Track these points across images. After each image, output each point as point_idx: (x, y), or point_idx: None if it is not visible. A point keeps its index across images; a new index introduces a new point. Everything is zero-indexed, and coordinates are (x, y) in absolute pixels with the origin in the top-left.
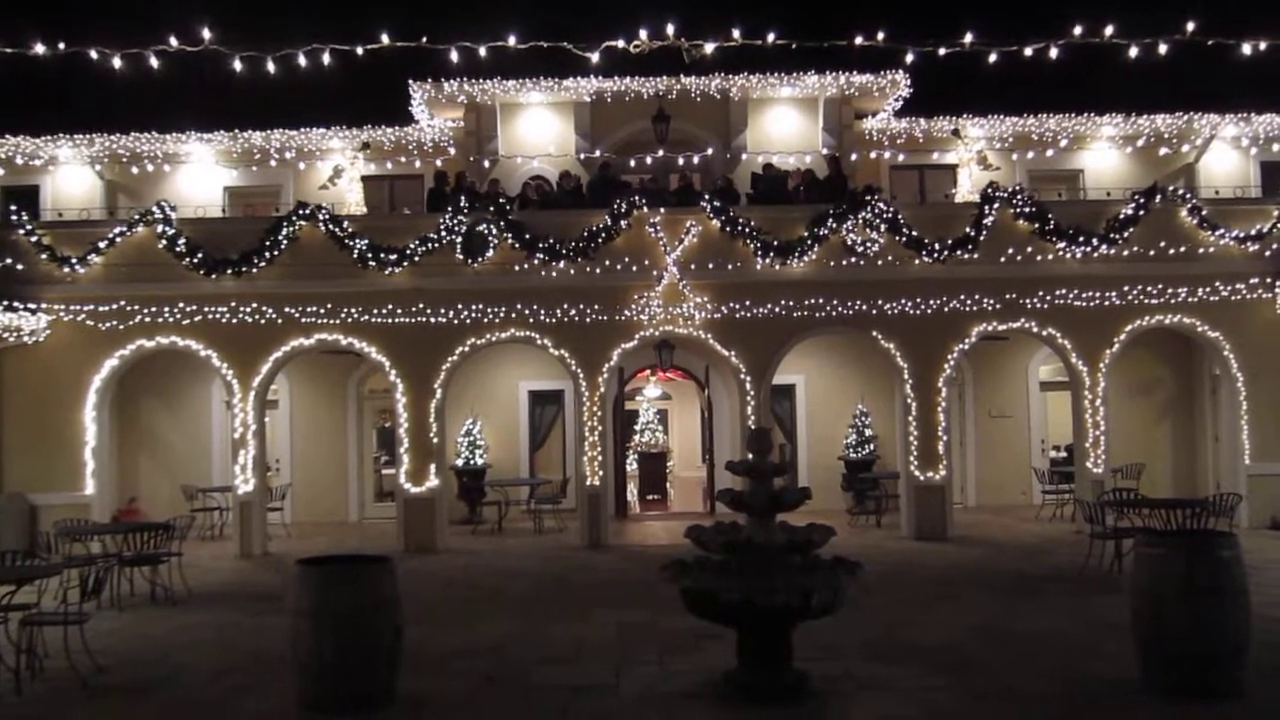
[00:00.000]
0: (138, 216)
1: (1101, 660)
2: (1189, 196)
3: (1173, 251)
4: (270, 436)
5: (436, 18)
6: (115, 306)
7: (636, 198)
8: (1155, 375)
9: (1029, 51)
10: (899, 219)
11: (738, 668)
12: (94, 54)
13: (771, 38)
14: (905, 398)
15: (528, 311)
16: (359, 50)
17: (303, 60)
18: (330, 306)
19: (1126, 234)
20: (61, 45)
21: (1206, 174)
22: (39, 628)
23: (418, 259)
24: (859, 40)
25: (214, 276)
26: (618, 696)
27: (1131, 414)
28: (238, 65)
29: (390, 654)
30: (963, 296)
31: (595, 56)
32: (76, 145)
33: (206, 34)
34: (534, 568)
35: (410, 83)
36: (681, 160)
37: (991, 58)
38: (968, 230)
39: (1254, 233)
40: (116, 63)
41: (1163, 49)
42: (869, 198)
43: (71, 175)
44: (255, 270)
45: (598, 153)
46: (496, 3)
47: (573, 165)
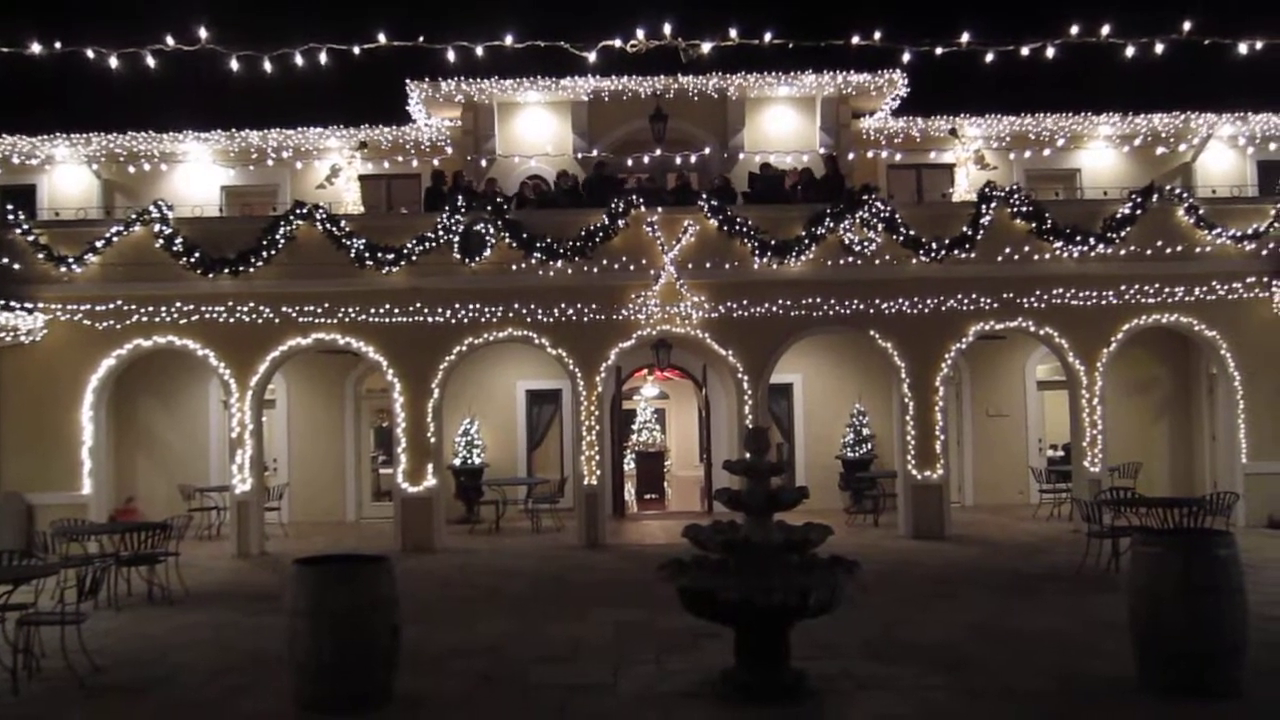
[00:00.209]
0: (135, 216)
1: (1099, 659)
2: (1186, 196)
3: (1170, 251)
4: (267, 436)
5: (434, 17)
6: (112, 306)
7: (634, 197)
8: (1152, 374)
9: (1026, 51)
10: (896, 218)
11: (735, 667)
12: (91, 53)
13: (768, 37)
14: (903, 397)
15: (525, 311)
16: (356, 50)
17: (300, 60)
18: (327, 306)
19: (1124, 233)
20: (58, 44)
21: (1203, 173)
22: (36, 627)
23: (415, 258)
24: (856, 40)
25: (211, 276)
26: (615, 695)
27: (1128, 413)
28: (234, 65)
29: (387, 653)
30: (960, 296)
31: (592, 56)
32: (73, 144)
33: (203, 33)
34: (531, 567)
35: (408, 82)
36: (679, 159)
37: (988, 57)
38: (965, 229)
39: (1251, 232)
40: (113, 62)
41: (1159, 48)
42: (866, 197)
43: (68, 174)
44: (252, 270)
45: (595, 152)
46: (494, 2)
47: (570, 165)
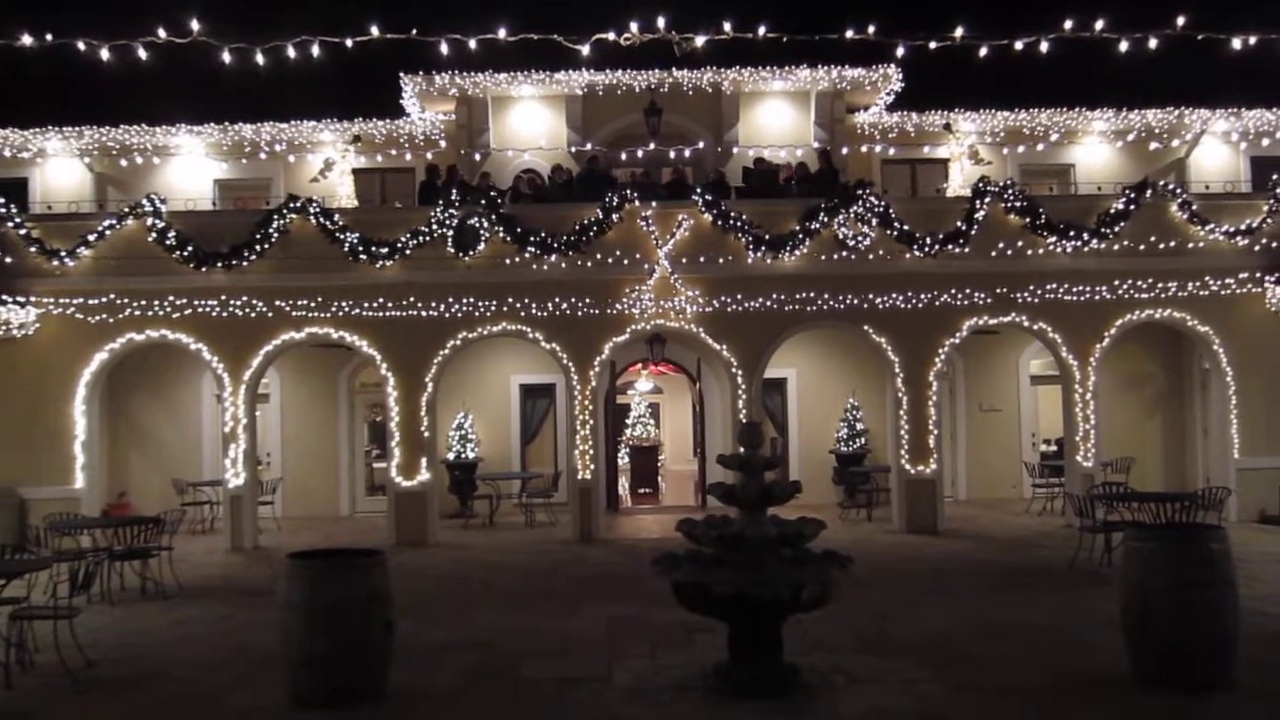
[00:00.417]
0: (127, 209)
1: (1091, 653)
2: (1179, 191)
3: (1163, 246)
4: (261, 430)
5: (427, 10)
6: (105, 300)
7: (628, 191)
8: (1145, 369)
9: (1020, 46)
10: (890, 213)
11: (729, 661)
12: (82, 45)
13: (762, 31)
14: (896, 392)
15: (519, 305)
16: (349, 43)
17: (292, 52)
18: (321, 300)
19: (1117, 228)
20: (49, 37)
21: (1197, 169)
22: (29, 622)
23: (409, 252)
24: (850, 34)
25: (204, 270)
26: (609, 689)
27: (1122, 408)
28: (227, 57)
29: (381, 648)
30: (954, 291)
31: (586, 49)
32: (66, 138)
33: (196, 26)
34: (525, 561)
35: (401, 76)
36: (673, 154)
37: (983, 52)
38: (959, 224)
39: (1244, 227)
40: (105, 54)
41: (1153, 44)
42: (861, 192)
43: (61, 168)
44: (246, 263)
45: (589, 146)
46: None
47: (564, 159)
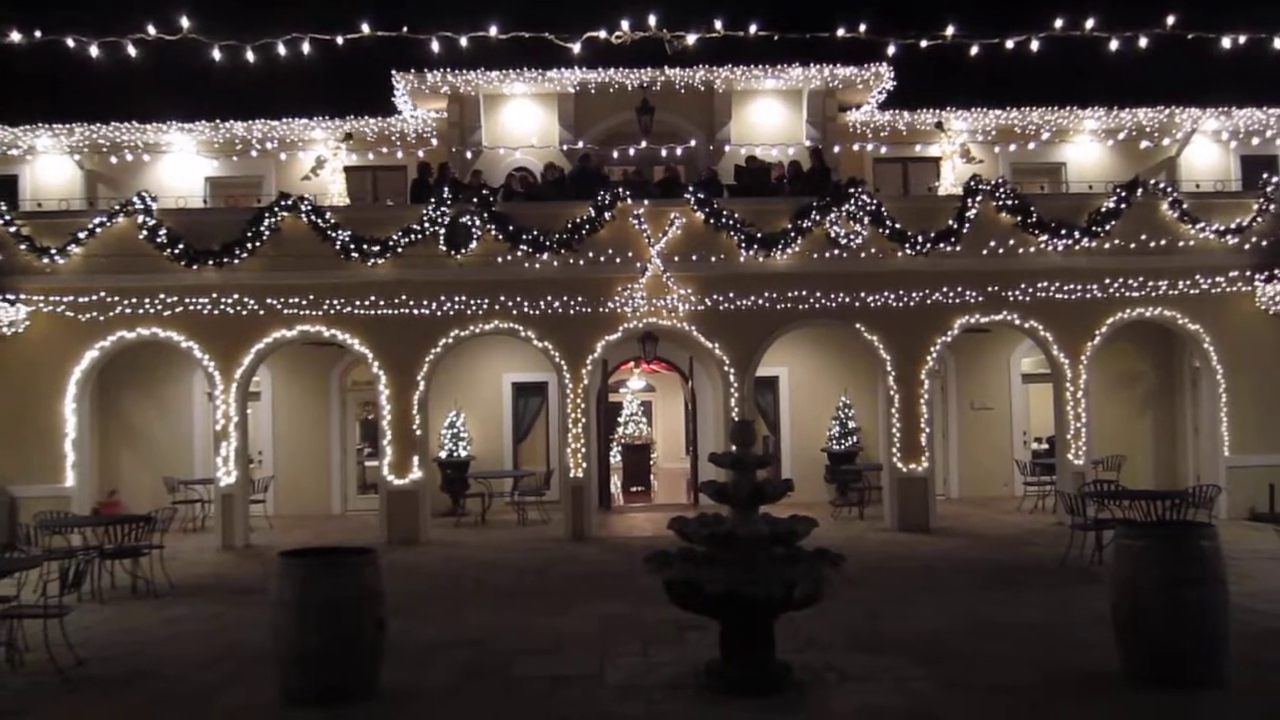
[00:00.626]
0: (118, 207)
1: (1082, 651)
2: (1170, 190)
3: (1154, 245)
4: (252, 428)
5: (418, 7)
6: (95, 297)
7: (620, 189)
8: (1136, 368)
9: (1011, 45)
10: (882, 211)
11: (720, 658)
12: (71, 42)
13: (754, 29)
14: (888, 390)
15: (511, 303)
16: (339, 40)
17: (283, 50)
18: (313, 298)
19: (1108, 227)
20: (39, 33)
21: (1187, 168)
22: (19, 620)
23: (401, 250)
24: (841, 32)
25: (195, 267)
26: (601, 687)
27: (1112, 406)
28: (217, 54)
29: (373, 646)
30: (945, 289)
31: (577, 47)
32: (56, 135)
33: (185, 23)
34: (517, 560)
35: (393, 73)
36: (665, 152)
37: (974, 50)
38: (951, 223)
39: (1234, 226)
40: (94, 51)
41: (1144, 43)
42: (852, 190)
43: (51, 165)
44: (237, 261)
45: (581, 144)
46: None
47: (556, 157)
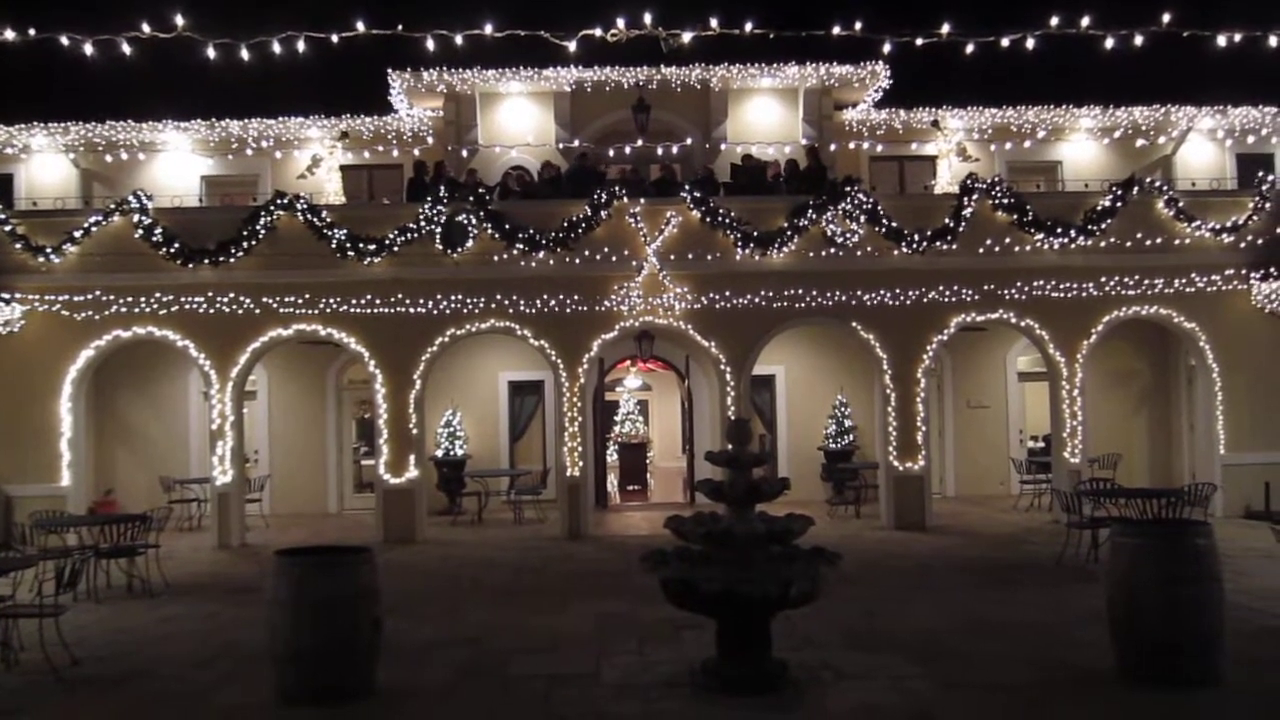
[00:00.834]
0: (114, 206)
1: (1078, 648)
2: (1166, 188)
3: (1150, 243)
4: (248, 427)
5: (414, 6)
6: (91, 296)
7: (616, 188)
8: (1132, 366)
9: (1007, 43)
10: (878, 210)
11: (717, 657)
12: (65, 41)
13: (749, 27)
14: (884, 388)
15: (507, 302)
16: (334, 38)
17: (278, 48)
18: (309, 297)
19: (1104, 225)
20: (33, 32)
21: (1183, 166)
22: (14, 620)
23: (397, 249)
24: (837, 31)
25: (191, 266)
26: (597, 686)
27: (1108, 404)
28: (211, 53)
29: (369, 645)
30: (941, 287)
31: (573, 45)
32: (51, 133)
33: (180, 21)
34: (513, 558)
35: (389, 72)
36: (661, 150)
37: (969, 49)
38: (947, 221)
39: (1230, 224)
40: (89, 50)
41: (1139, 41)
42: (849, 189)
43: (46, 164)
44: (233, 260)
45: (577, 143)
46: None
47: (552, 155)
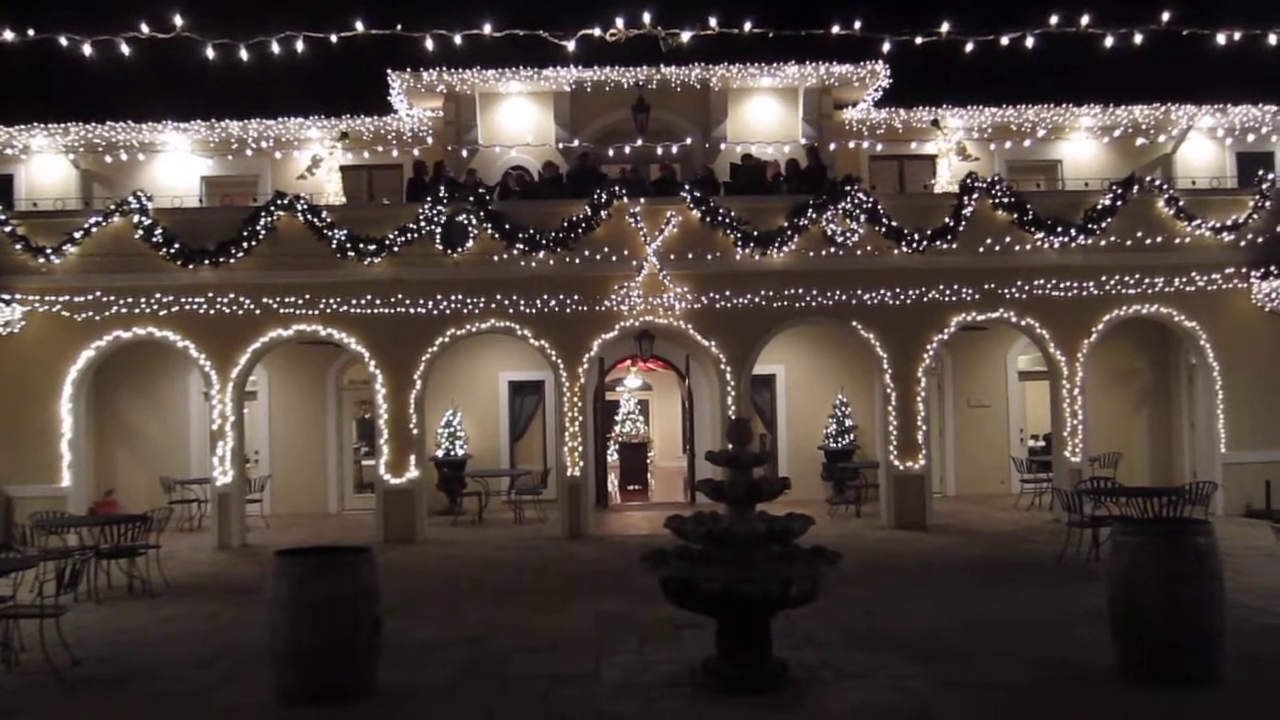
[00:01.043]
0: (114, 206)
1: (1079, 647)
2: (1166, 187)
3: (1150, 242)
4: (249, 428)
5: (413, 6)
6: (91, 297)
7: (616, 188)
8: (1132, 365)
9: (1006, 42)
10: (878, 209)
11: (717, 656)
12: (64, 41)
13: (748, 27)
14: (885, 387)
15: (507, 302)
16: (333, 38)
17: (276, 48)
18: (309, 297)
19: (1104, 224)
20: (32, 32)
21: (1183, 164)
22: (15, 621)
23: (397, 249)
24: (836, 30)
25: (191, 267)
26: (597, 685)
27: (1109, 403)
28: (210, 53)
29: (369, 645)
30: (942, 286)
31: (572, 45)
32: (51, 134)
33: (179, 21)
34: (514, 558)
35: (389, 72)
36: (661, 150)
37: (969, 48)
38: (947, 220)
39: (1230, 223)
40: (87, 50)
41: (1139, 39)
42: (848, 188)
43: (46, 164)
44: (233, 260)
45: (577, 142)
46: None
47: (552, 155)
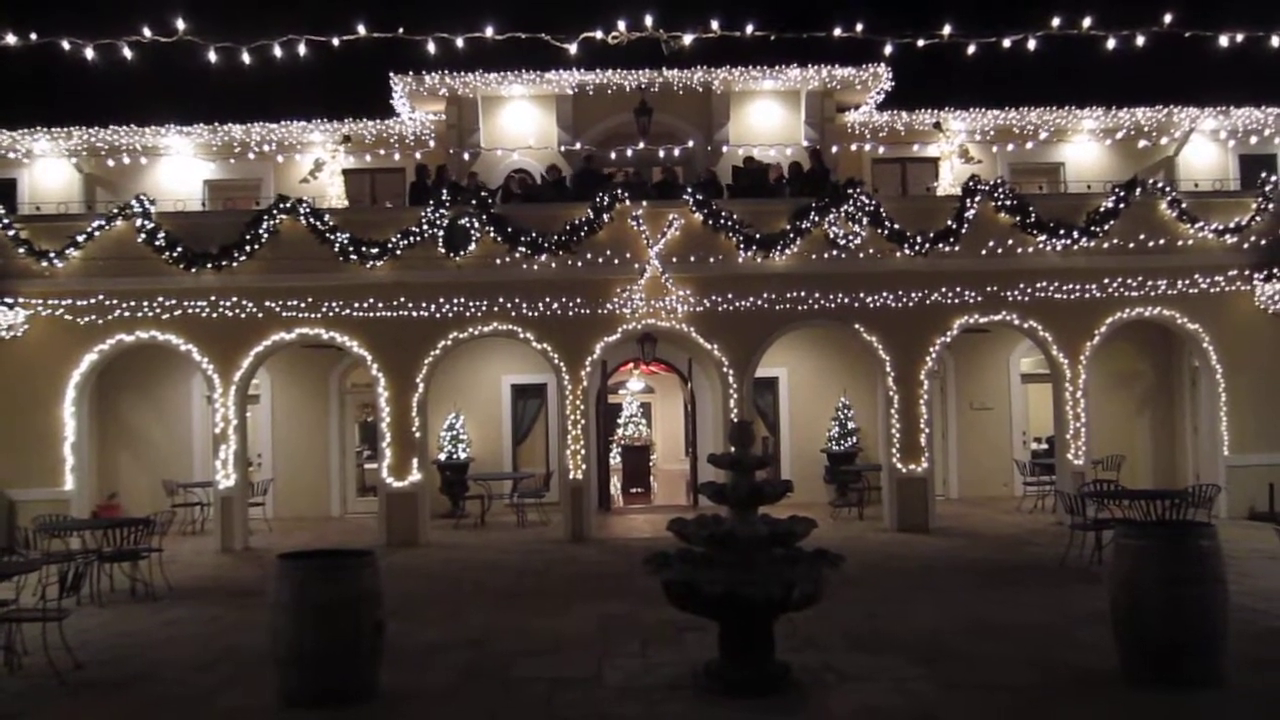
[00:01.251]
0: (116, 210)
1: (1081, 650)
2: (1168, 189)
3: (1152, 244)
4: (251, 431)
5: (415, 9)
6: (94, 301)
7: (619, 191)
8: (1135, 367)
9: (1008, 44)
10: (881, 212)
11: (720, 659)
12: (66, 45)
13: (750, 30)
14: (887, 390)
15: (510, 305)
16: (335, 41)
17: (278, 51)
18: (311, 300)
19: (1107, 227)
20: (34, 36)
21: (1186, 167)
22: (17, 624)
23: (399, 252)
24: (837, 32)
25: (194, 270)
26: (600, 688)
27: (1112, 406)
28: (213, 57)
29: (371, 648)
30: (944, 289)
31: (574, 48)
32: (54, 138)
33: (181, 25)
34: (516, 561)
35: (391, 76)
36: (663, 153)
37: (971, 50)
38: (949, 223)
39: (1232, 225)
40: (90, 54)
41: (1141, 41)
42: (851, 191)
43: (49, 168)
44: (235, 264)
45: (579, 145)
46: None
47: (554, 158)
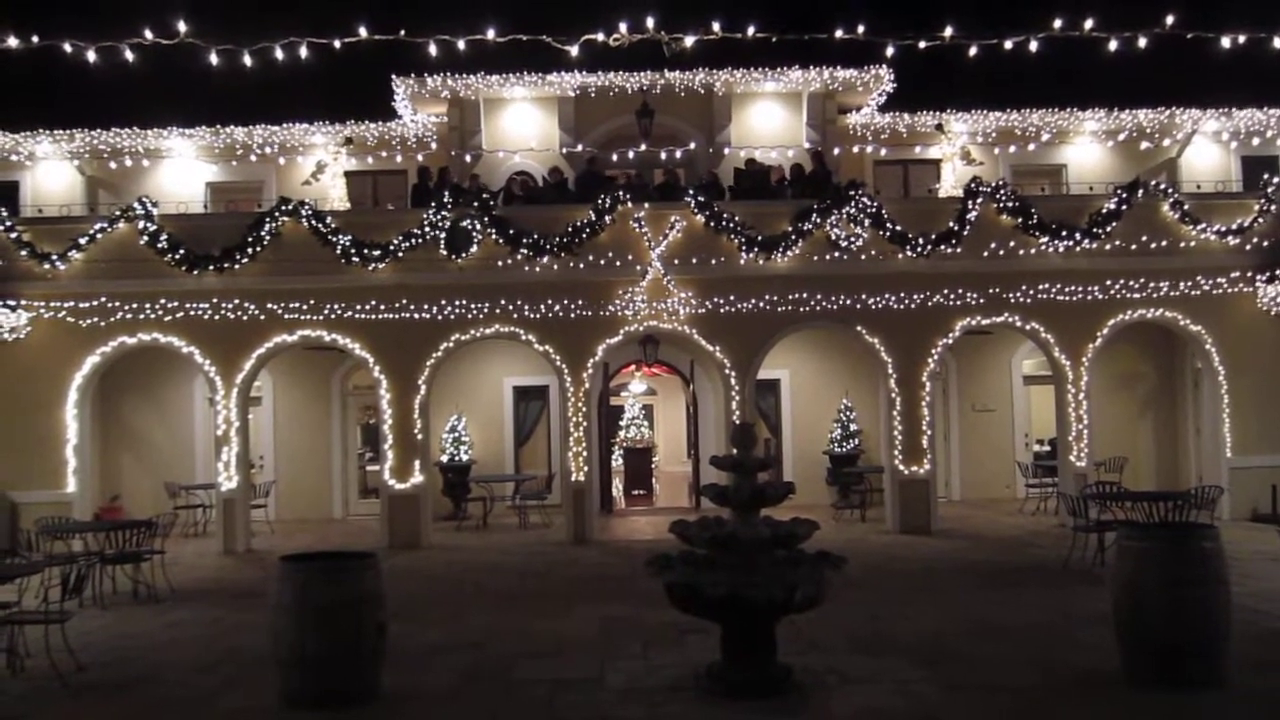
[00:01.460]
0: (119, 212)
1: (1084, 651)
2: (1171, 191)
3: (1155, 246)
4: (253, 433)
5: (416, 11)
6: (96, 303)
7: (621, 193)
8: (1137, 369)
9: (1010, 45)
10: (883, 214)
11: (722, 661)
12: (68, 48)
13: (752, 31)
14: (889, 392)
15: (512, 307)
16: (337, 44)
17: (280, 54)
18: (313, 302)
19: (1109, 228)
20: (37, 39)
21: (1188, 168)
22: (20, 626)
23: (401, 254)
24: (839, 34)
25: (196, 273)
26: (601, 690)
27: (1114, 407)
28: (215, 59)
29: (373, 649)
30: (946, 291)
31: (575, 50)
32: (56, 141)
33: (182, 27)
34: (518, 563)
35: (393, 78)
36: (665, 155)
37: (973, 52)
38: (951, 225)
39: (1235, 227)
40: (91, 56)
41: (1143, 43)
42: (853, 192)
43: (52, 171)
44: (238, 266)
45: (581, 148)
46: None
47: (556, 160)
